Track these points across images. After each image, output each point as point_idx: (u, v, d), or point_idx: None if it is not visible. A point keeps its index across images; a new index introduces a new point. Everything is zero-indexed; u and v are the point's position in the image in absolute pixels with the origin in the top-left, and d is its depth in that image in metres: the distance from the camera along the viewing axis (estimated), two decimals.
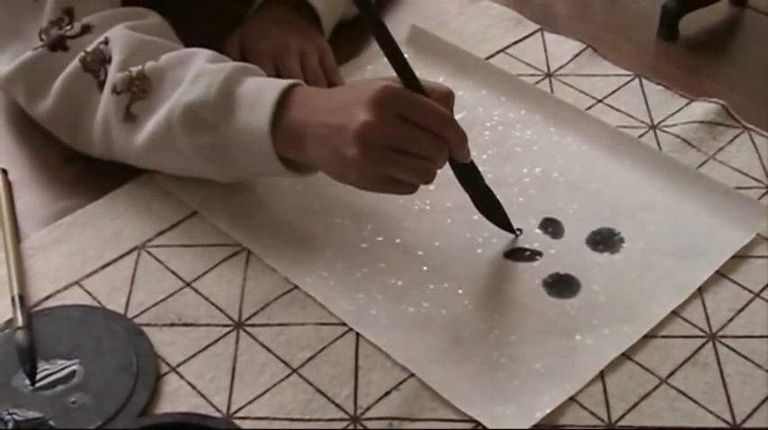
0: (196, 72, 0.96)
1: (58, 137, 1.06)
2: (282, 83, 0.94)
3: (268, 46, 1.13)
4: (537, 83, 1.18)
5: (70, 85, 1.01)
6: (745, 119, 1.13)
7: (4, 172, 1.05)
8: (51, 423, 0.83)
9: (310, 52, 1.14)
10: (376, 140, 0.87)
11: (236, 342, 0.90)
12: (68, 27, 1.02)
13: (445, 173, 0.95)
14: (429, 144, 0.89)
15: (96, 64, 1.00)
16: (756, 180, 1.07)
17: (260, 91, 0.94)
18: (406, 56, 0.91)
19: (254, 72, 0.97)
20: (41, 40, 1.03)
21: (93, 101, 1.01)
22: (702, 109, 1.14)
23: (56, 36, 1.02)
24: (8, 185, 1.03)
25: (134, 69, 0.98)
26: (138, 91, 0.98)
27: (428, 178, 0.89)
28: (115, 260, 0.97)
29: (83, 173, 1.05)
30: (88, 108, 1.01)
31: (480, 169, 1.05)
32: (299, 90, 0.94)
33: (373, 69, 1.18)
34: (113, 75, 0.99)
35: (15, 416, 0.83)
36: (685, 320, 0.93)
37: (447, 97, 0.91)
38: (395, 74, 0.90)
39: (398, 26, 1.23)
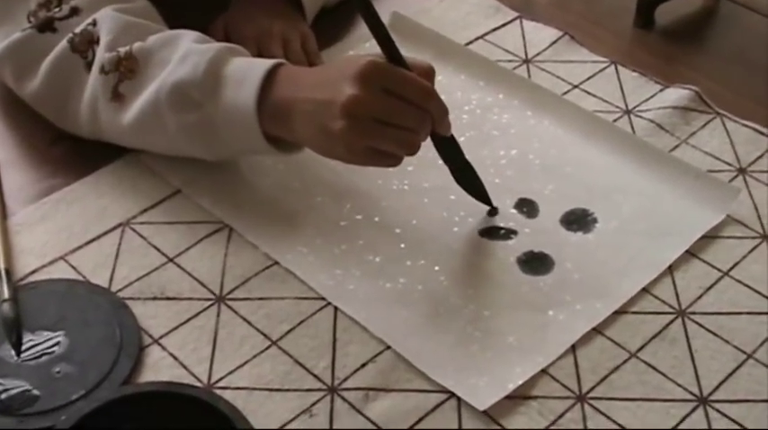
0: (183, 52, 0.98)
1: (45, 117, 1.07)
2: (268, 62, 0.96)
3: (252, 31, 1.15)
4: (515, 68, 1.20)
5: (58, 66, 1.03)
6: (718, 105, 1.15)
7: None
8: (36, 392, 0.85)
9: (293, 37, 1.16)
10: (362, 113, 0.89)
11: (218, 315, 0.92)
12: (57, 9, 1.04)
13: (425, 154, 0.97)
14: (413, 116, 0.91)
15: (84, 45, 1.02)
16: (727, 164, 1.09)
17: (246, 70, 0.96)
18: None
19: (240, 52, 0.99)
20: (30, 22, 1.05)
21: (80, 81, 1.02)
22: (676, 95, 1.16)
23: (44, 18, 1.04)
24: None
25: (122, 50, 1.00)
26: (126, 71, 1.00)
27: (412, 149, 0.92)
28: (100, 236, 0.99)
29: (69, 152, 1.07)
30: (76, 88, 1.03)
31: None
32: (284, 68, 0.96)
33: (355, 54, 1.20)
34: (101, 55, 1.01)
35: (0, 387, 0.85)
36: (655, 297, 0.96)
37: (429, 73, 0.94)
38: (379, 51, 0.93)
39: (380, 13, 1.24)
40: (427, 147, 0.99)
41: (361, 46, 1.20)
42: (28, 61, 1.05)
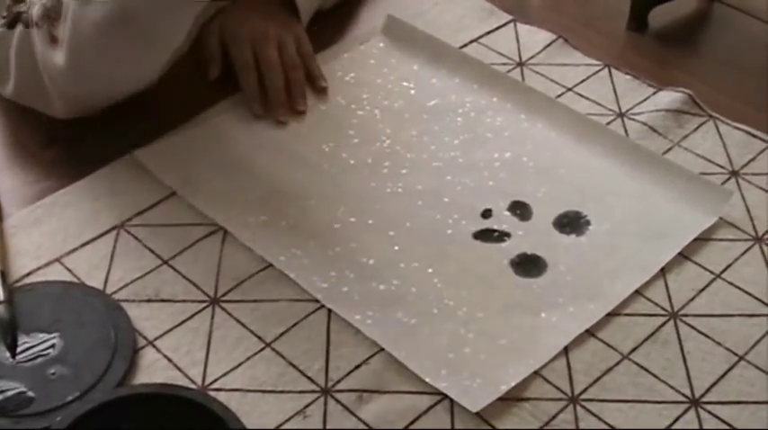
0: None
1: (31, 107, 1.08)
2: None
3: (247, 33, 1.15)
4: (509, 71, 1.20)
5: (21, 49, 1.03)
6: (711, 107, 1.16)
7: None
8: (31, 394, 0.85)
9: (288, 40, 1.17)
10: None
11: (212, 317, 0.93)
12: (22, 4, 1.04)
13: (419, 156, 0.97)
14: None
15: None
16: (720, 166, 1.09)
17: None
18: (381, 45, 0.93)
19: None
20: (3, 18, 1.05)
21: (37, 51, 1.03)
22: (669, 98, 1.16)
23: (13, 14, 1.04)
24: None
25: (47, 1, 1.01)
26: (56, 15, 1.00)
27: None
28: (95, 238, 0.99)
29: (62, 155, 1.07)
30: (37, 60, 1.03)
31: (452, 154, 1.09)
32: None
33: (350, 57, 1.20)
34: (34, 14, 1.02)
35: None
36: (648, 299, 0.96)
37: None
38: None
39: (376, 16, 1.26)
40: (421, 148, 1.00)
41: (357, 48, 1.21)
42: (3, 59, 1.05)
